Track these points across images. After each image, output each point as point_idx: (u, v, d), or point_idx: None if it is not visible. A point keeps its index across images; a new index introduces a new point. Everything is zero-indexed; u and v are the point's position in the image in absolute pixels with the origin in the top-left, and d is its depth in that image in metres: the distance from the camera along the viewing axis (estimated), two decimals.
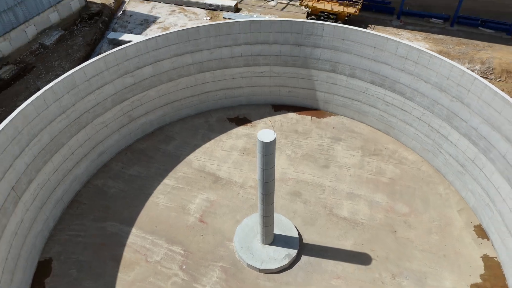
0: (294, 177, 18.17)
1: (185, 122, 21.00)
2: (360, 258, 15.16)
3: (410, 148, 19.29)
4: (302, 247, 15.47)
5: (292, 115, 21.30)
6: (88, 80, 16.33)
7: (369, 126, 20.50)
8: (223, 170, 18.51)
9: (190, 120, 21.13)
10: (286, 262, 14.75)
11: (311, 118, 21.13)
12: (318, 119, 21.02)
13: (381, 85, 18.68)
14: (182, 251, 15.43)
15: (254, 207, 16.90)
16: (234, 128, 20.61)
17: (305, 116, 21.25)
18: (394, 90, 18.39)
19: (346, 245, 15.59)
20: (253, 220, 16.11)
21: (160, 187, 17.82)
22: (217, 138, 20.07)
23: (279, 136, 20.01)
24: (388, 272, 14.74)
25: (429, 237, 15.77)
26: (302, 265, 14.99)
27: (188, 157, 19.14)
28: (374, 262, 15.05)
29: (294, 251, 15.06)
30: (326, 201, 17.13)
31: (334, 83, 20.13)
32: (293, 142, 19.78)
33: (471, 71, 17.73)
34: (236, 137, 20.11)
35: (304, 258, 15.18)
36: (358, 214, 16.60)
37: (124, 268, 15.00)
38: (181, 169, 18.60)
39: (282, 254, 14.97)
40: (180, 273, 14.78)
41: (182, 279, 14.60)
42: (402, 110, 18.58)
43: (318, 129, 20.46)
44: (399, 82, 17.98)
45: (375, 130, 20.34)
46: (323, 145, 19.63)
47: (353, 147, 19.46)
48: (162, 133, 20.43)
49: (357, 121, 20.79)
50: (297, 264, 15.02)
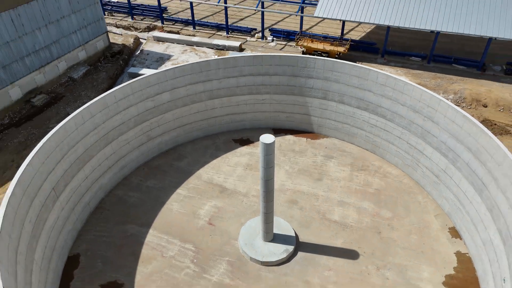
0: (292, 188, 20.67)
1: (195, 143, 23.81)
2: (349, 254, 17.34)
3: (393, 164, 21.93)
4: (299, 245, 17.70)
5: (289, 137, 24.15)
6: (116, 102, 19.36)
7: (357, 146, 23.27)
8: (229, 182, 21.05)
9: (200, 141, 23.96)
10: (285, 256, 16.94)
11: (306, 139, 23.97)
12: (313, 141, 23.85)
13: (365, 109, 21.68)
14: (193, 248, 17.65)
15: (256, 213, 19.26)
16: (238, 147, 23.40)
17: (301, 138, 24.11)
18: (377, 113, 21.35)
19: (337, 243, 17.82)
20: (255, 222, 18.45)
21: (173, 196, 20.29)
22: (223, 156, 22.79)
23: (278, 154, 22.72)
24: (373, 265, 16.87)
25: (409, 237, 18.03)
26: (298, 259, 17.16)
27: (198, 171, 21.76)
28: (361, 257, 17.22)
29: (291, 247, 17.29)
30: (320, 207, 19.53)
31: (325, 109, 23.16)
32: (290, 159, 22.46)
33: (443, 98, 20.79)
34: (240, 155, 22.83)
35: (300, 254, 17.38)
36: (347, 218, 18.94)
37: (142, 262, 17.16)
38: (192, 181, 21.15)
39: (281, 249, 17.19)
40: (191, 265, 16.93)
41: (194, 271, 16.73)
42: (385, 130, 21.43)
43: (312, 148, 23.22)
44: (381, 106, 20.98)
45: (363, 149, 23.08)
46: (317, 161, 22.30)
47: (343, 164, 22.11)
48: (175, 152, 23.18)
49: (347, 142, 23.58)
50: (294, 258, 17.19)
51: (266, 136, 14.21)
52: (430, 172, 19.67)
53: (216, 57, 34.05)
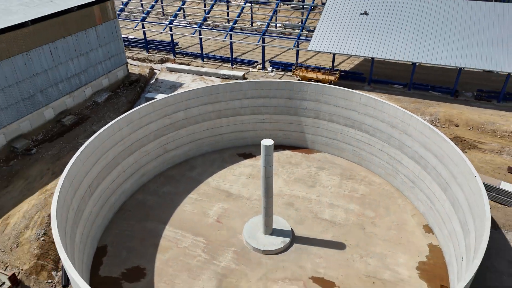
0: (288, 193, 23.85)
1: (204, 157, 27.22)
2: (337, 245, 20.28)
3: (377, 174, 25.19)
4: (294, 238, 20.67)
5: (287, 152, 27.58)
6: (140, 118, 22.99)
7: (346, 159, 26.63)
8: (234, 188, 24.27)
9: (209, 155, 27.37)
10: (282, 246, 19.90)
11: (302, 154, 27.38)
12: (307, 155, 27.26)
13: (351, 126, 25.23)
14: (204, 240, 20.63)
15: (258, 213, 22.33)
16: (242, 160, 26.77)
17: (297, 152, 27.53)
18: (361, 130, 24.87)
19: (327, 237, 20.79)
20: (257, 219, 21.51)
21: (186, 200, 23.45)
22: (229, 167, 26.13)
23: (277, 166, 26.05)
24: (357, 254, 19.78)
25: (389, 232, 21.02)
26: (294, 249, 20.10)
27: (207, 180, 25.03)
28: (347, 248, 20.16)
29: (288, 239, 20.27)
30: (312, 209, 22.62)
31: (317, 127, 26.74)
32: (287, 170, 25.77)
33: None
34: (243, 166, 26.16)
35: (295, 245, 20.33)
36: (336, 217, 22.00)
37: (161, 251, 20.12)
38: (202, 187, 24.38)
39: (279, 240, 20.17)
40: (202, 254, 19.87)
41: (204, 258, 19.65)
42: (369, 144, 24.87)
43: (307, 161, 26.58)
44: (364, 123, 24.54)
45: (351, 162, 26.42)
46: (311, 172, 25.59)
47: (333, 174, 25.39)
48: (187, 164, 26.54)
49: (337, 156, 26.96)
50: (290, 249, 20.14)
51: (266, 140, 17.66)
52: (407, 178, 22.91)
53: None
